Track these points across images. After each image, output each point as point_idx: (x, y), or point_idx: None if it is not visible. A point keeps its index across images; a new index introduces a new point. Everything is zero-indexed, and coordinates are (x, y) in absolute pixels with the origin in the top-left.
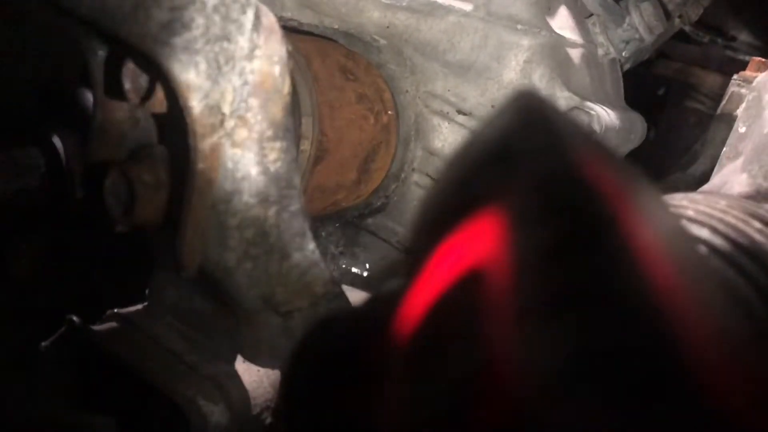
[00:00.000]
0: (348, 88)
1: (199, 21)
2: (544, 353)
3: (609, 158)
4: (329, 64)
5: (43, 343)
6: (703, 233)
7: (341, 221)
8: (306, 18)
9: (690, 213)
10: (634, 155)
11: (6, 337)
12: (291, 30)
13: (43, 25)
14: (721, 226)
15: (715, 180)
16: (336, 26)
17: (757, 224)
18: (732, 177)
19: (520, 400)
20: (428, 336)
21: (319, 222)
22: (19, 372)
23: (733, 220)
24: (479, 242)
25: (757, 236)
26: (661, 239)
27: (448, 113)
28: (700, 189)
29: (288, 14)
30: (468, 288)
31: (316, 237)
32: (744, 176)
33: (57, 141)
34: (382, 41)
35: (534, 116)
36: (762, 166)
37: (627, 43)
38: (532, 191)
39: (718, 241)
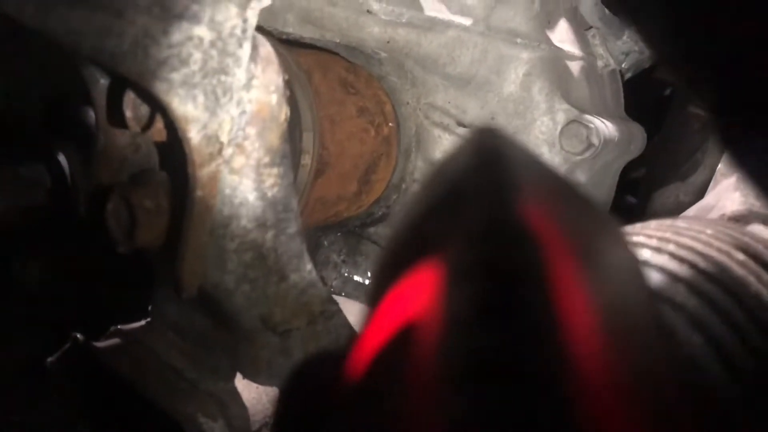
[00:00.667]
0: (349, 102)
1: (197, 56)
2: (443, 422)
3: (569, 202)
4: (330, 78)
5: (48, 359)
6: (683, 271)
7: (343, 230)
8: (307, 33)
9: (671, 248)
10: (636, 163)
11: (13, 349)
12: (293, 43)
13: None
14: (701, 263)
15: (710, 198)
16: (337, 40)
17: (740, 256)
18: (725, 195)
19: None
20: (362, 389)
21: (321, 231)
22: (25, 383)
23: (715, 254)
24: (419, 294)
25: (738, 270)
26: (600, 298)
27: (448, 125)
28: (695, 206)
29: (290, 29)
30: (404, 341)
31: (319, 246)
32: (737, 195)
33: (62, 158)
34: (383, 54)
35: (491, 157)
36: (754, 186)
37: (627, 54)
38: (471, 242)
39: (697, 279)
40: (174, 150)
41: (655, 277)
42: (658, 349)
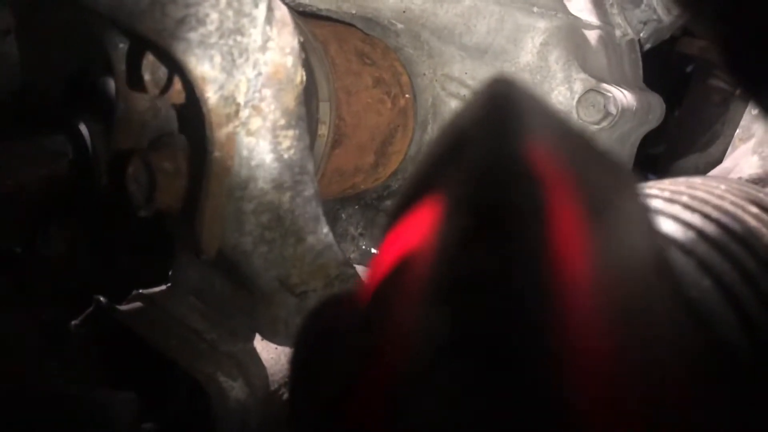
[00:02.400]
0: (365, 73)
1: (213, 16)
2: (423, 335)
3: (579, 149)
4: (346, 49)
5: (72, 322)
6: (695, 219)
7: (361, 203)
8: (324, 4)
9: (684, 199)
10: (656, 135)
11: (38, 316)
12: (309, 15)
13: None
14: (714, 213)
15: (727, 162)
16: (353, 11)
17: (754, 209)
18: (743, 159)
19: (395, 375)
20: (365, 314)
21: (339, 204)
22: (50, 350)
23: (728, 206)
24: (419, 227)
25: (752, 221)
26: (599, 237)
27: (465, 96)
28: (711, 172)
29: (306, 1)
30: (400, 270)
31: (337, 219)
32: (755, 158)
33: (83, 128)
34: (400, 25)
35: (501, 104)
36: None
37: (645, 23)
38: (468, 179)
39: (709, 227)
40: (192, 112)
41: (666, 225)
42: (657, 290)
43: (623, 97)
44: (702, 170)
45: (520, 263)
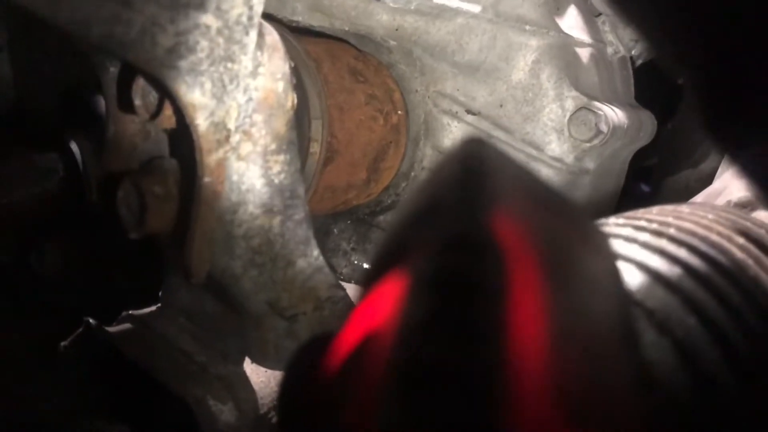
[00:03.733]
0: (357, 90)
1: (204, 44)
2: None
3: (547, 212)
4: (339, 66)
5: (62, 343)
6: (682, 253)
7: (353, 218)
8: (316, 21)
9: (671, 232)
10: (649, 147)
11: (27, 333)
12: (302, 31)
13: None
14: (701, 245)
15: (716, 184)
16: (346, 28)
17: (741, 240)
18: (732, 181)
19: None
20: (333, 384)
21: (331, 219)
22: (39, 369)
23: (715, 237)
24: (386, 301)
25: (738, 253)
26: (559, 308)
27: (457, 112)
28: (702, 192)
29: (299, 18)
30: (365, 350)
31: (329, 233)
32: (743, 181)
33: (74, 146)
34: (392, 42)
35: (472, 168)
36: (755, 185)
37: (637, 41)
38: (434, 253)
39: (695, 261)
40: (182, 137)
41: (653, 260)
42: (616, 357)
43: (614, 115)
44: (693, 187)
45: (476, 354)
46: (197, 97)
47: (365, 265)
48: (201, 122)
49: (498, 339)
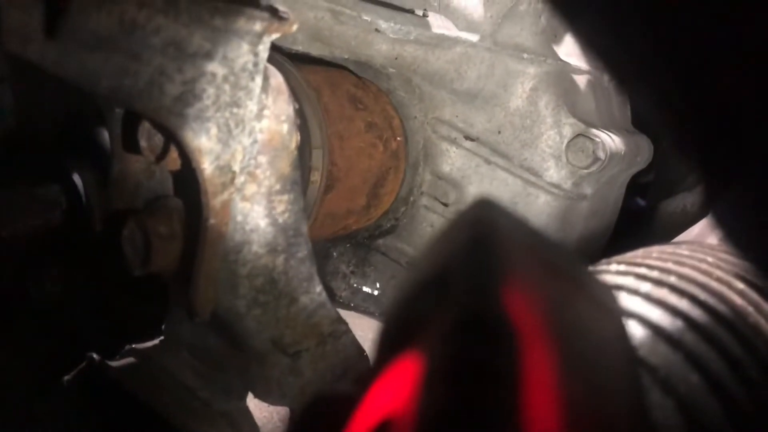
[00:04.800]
0: (357, 118)
1: (210, 91)
2: None
3: (557, 279)
4: (339, 94)
5: (64, 378)
6: (683, 305)
7: (353, 242)
8: (316, 50)
9: (672, 280)
10: (645, 172)
11: (27, 366)
12: (302, 59)
13: None
14: (702, 294)
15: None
16: (346, 56)
17: (740, 285)
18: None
19: None
20: None
21: (330, 242)
22: (39, 400)
23: (715, 284)
24: (399, 387)
25: (738, 300)
26: (573, 387)
27: (455, 139)
28: (698, 224)
29: (299, 47)
30: None
31: (328, 257)
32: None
33: (77, 178)
34: (392, 70)
35: (481, 234)
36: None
37: None
38: (448, 337)
39: (696, 312)
40: (187, 179)
41: (656, 314)
42: (627, 428)
43: (612, 141)
44: (690, 210)
45: None
46: (203, 142)
47: (364, 288)
48: (207, 166)
49: (515, 430)
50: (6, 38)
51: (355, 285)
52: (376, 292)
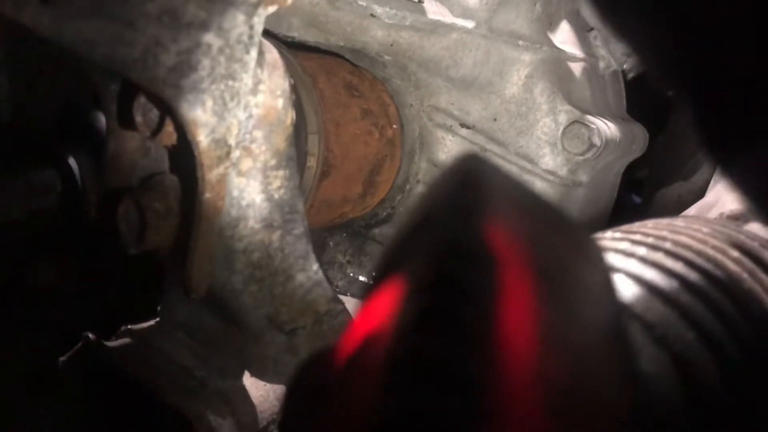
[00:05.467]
0: (353, 105)
1: (205, 63)
2: (378, 417)
3: (542, 223)
4: (335, 81)
5: (60, 359)
6: (678, 267)
7: (349, 231)
8: (312, 37)
9: (667, 246)
10: (641, 159)
11: (23, 350)
12: (298, 47)
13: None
14: (697, 259)
15: (710, 196)
16: (342, 44)
17: (735, 253)
18: (724, 194)
19: None
20: (336, 382)
21: (327, 232)
22: (35, 385)
23: (710, 251)
24: (384, 306)
25: (733, 266)
26: (551, 314)
27: (451, 126)
28: (695, 204)
29: (294, 33)
30: (366, 348)
31: (325, 247)
32: (735, 194)
33: (72, 162)
34: (387, 57)
35: (467, 182)
36: (747, 196)
37: (628, 55)
38: (429, 261)
39: (692, 274)
40: (183, 153)
41: (651, 274)
42: (605, 364)
43: (607, 128)
44: (685, 199)
45: (465, 350)
46: (199, 114)
47: (361, 278)
48: (202, 139)
49: (486, 338)
50: (0, 2)
51: (351, 274)
52: (372, 282)
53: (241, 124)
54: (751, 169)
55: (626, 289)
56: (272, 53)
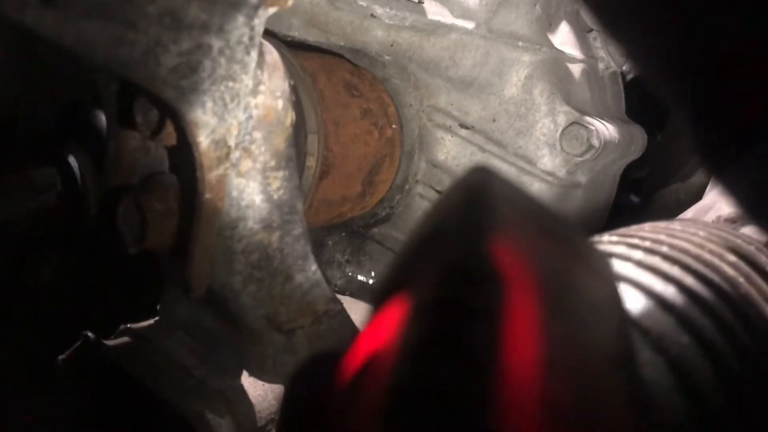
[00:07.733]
0: (353, 104)
1: (206, 64)
2: None
3: (548, 238)
4: (335, 81)
5: (59, 357)
6: (675, 271)
7: (348, 230)
8: (312, 36)
9: (664, 250)
10: (639, 159)
11: (23, 349)
12: (298, 46)
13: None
14: (694, 263)
15: (707, 199)
16: (342, 43)
17: (732, 257)
18: (721, 197)
19: None
20: (337, 402)
21: (326, 231)
22: (34, 383)
23: (707, 255)
24: (389, 325)
25: (729, 271)
26: (557, 332)
27: (451, 127)
28: (692, 207)
29: (295, 33)
30: (368, 370)
31: (323, 246)
32: (731, 197)
33: (72, 161)
34: (387, 57)
35: (474, 196)
36: (741, 200)
37: (627, 57)
38: (434, 280)
39: (688, 279)
40: (183, 154)
41: (648, 279)
42: (611, 378)
43: (606, 129)
44: (683, 200)
45: (470, 375)
46: (199, 115)
47: (359, 277)
48: (202, 140)
49: (492, 361)
50: (1, 2)
51: (350, 274)
52: (371, 281)
53: (241, 125)
54: (746, 174)
55: (624, 294)
56: (272, 54)
